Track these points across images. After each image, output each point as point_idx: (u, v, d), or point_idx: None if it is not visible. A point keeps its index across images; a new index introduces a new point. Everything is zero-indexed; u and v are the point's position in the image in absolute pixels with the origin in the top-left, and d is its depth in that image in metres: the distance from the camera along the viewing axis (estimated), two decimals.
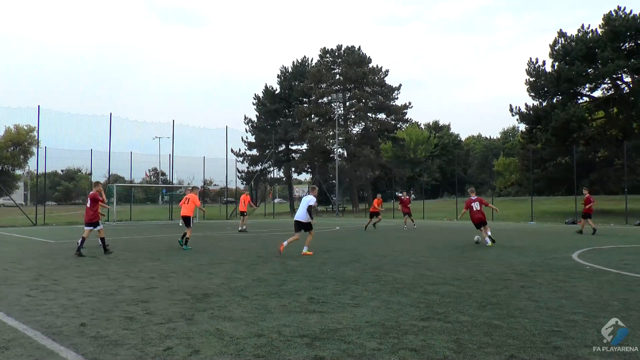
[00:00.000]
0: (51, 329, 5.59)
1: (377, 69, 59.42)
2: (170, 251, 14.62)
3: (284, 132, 58.67)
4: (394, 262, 11.50)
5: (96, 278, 9.40)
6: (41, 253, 14.40)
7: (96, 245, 16.11)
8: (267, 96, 63.46)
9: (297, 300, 7.07)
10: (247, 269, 10.43)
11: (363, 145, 55.50)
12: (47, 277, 9.60)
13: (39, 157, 34.19)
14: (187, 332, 5.38)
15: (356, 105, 57.77)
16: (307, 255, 13.00)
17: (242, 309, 6.49)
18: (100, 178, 44.32)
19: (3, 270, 10.55)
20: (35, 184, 51.43)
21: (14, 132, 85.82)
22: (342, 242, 17.96)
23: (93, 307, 6.75)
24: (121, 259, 12.53)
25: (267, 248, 15.35)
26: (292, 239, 13.52)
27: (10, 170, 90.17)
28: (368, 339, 5.04)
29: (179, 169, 42.54)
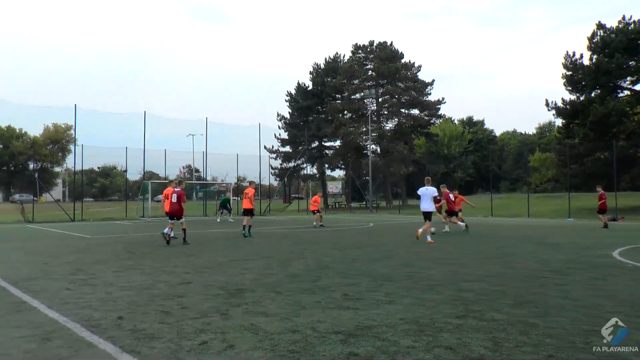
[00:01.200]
0: (90, 322, 5.71)
1: (409, 64, 58.96)
2: (204, 247, 14.78)
3: (317, 129, 58.71)
4: (426, 259, 11.41)
5: (132, 273, 9.58)
6: (79, 248, 14.75)
7: (136, 241, 16.43)
8: (299, 93, 63.57)
9: (330, 296, 7.06)
10: (280, 265, 10.48)
11: (396, 141, 55.18)
12: (84, 271, 9.83)
13: (76, 155, 34.97)
14: (222, 327, 5.42)
15: (389, 101, 57.44)
16: (431, 244, 14.81)
17: (276, 305, 6.51)
18: (135, 175, 45.13)
19: (43, 264, 10.85)
20: (72, 181, 52.53)
21: (53, 130, 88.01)
22: (375, 238, 17.89)
23: (129, 301, 6.87)
24: (156, 255, 12.73)
25: (299, 244, 15.39)
26: (425, 227, 15.72)
27: (49, 167, 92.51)
28: (402, 337, 5.00)
29: (213, 166, 43.05)
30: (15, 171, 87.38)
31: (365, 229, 23.12)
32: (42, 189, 54.69)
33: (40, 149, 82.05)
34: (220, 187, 45.88)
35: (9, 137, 78.74)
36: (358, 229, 23.45)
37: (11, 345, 4.89)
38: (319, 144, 62.62)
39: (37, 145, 76.75)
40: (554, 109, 40.73)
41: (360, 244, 15.31)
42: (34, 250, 14.16)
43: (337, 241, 16.52)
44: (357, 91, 58.91)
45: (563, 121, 41.89)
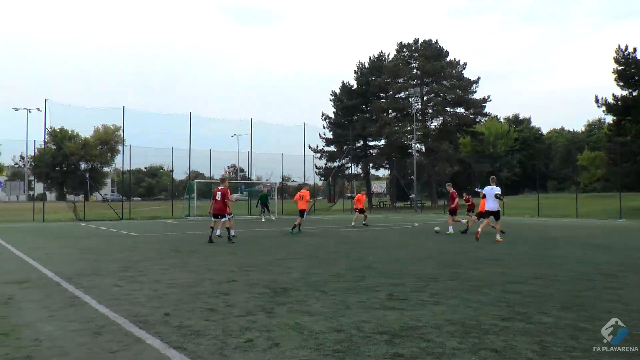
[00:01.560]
0: (138, 318, 5.85)
1: (454, 62, 58.22)
2: (248, 245, 14.93)
3: (362, 128, 58.55)
4: (471, 259, 11.26)
5: (178, 270, 9.76)
6: (127, 246, 15.13)
7: (182, 240, 16.74)
8: (344, 92, 63.52)
9: (375, 296, 7.04)
10: (324, 264, 10.50)
11: (441, 140, 54.56)
12: (132, 268, 10.08)
13: (124, 155, 35.86)
14: (267, 325, 5.47)
15: (434, 100, 56.83)
16: (499, 242, 15.04)
17: (321, 304, 6.53)
18: (181, 174, 45.98)
19: (94, 262, 11.17)
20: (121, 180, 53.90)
21: (102, 131, 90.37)
22: (420, 238, 17.75)
23: (176, 298, 7.01)
24: (201, 253, 12.93)
25: (344, 244, 15.39)
26: (484, 224, 15.94)
27: (99, 167, 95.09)
28: (448, 338, 4.95)
29: (258, 166, 43.38)
30: (68, 171, 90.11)
31: (410, 229, 22.95)
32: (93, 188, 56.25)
33: (91, 149, 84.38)
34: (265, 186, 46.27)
35: (62, 138, 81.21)
36: (402, 228, 23.31)
37: (66, 338, 5.07)
38: (364, 143, 62.44)
39: (88, 146, 78.97)
40: (604, 106, 39.52)
41: (405, 244, 15.22)
42: (85, 247, 14.58)
43: (382, 241, 16.46)
44: (402, 90, 58.49)
45: (614, 118, 40.58)
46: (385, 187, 67.58)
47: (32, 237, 18.52)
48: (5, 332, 5.33)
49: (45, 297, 7.21)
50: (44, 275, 9.19)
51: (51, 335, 5.18)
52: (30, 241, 16.89)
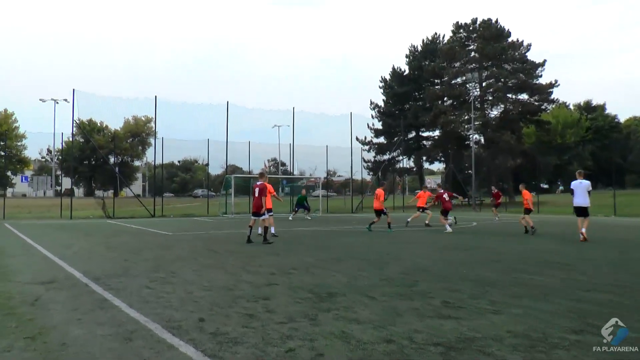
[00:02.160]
0: (170, 323, 5.93)
1: (517, 43, 57.14)
2: (291, 246, 15.01)
3: (414, 117, 58.14)
4: (539, 264, 11.03)
5: (214, 272, 9.88)
6: (159, 245, 15.42)
7: (218, 239, 16.96)
8: (394, 78, 63.20)
9: (429, 303, 6.97)
10: (373, 267, 10.46)
11: (502, 130, 53.67)
12: (164, 269, 10.25)
13: (156, 148, 36.43)
14: (311, 333, 5.47)
15: (494, 85, 55.94)
16: (585, 241, 15.45)
17: (369, 311, 6.50)
18: (217, 169, 46.48)
19: (124, 261, 11.43)
20: (152, 175, 54.86)
21: (132, 123, 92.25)
22: (479, 239, 17.52)
23: (211, 302, 7.08)
24: (239, 253, 13.05)
25: (395, 245, 15.32)
26: (586, 224, 16.05)
27: (129, 161, 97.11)
28: (510, 352, 4.85)
29: (300, 159, 43.58)
30: (97, 165, 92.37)
31: (468, 229, 22.70)
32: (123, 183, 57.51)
33: (121, 142, 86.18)
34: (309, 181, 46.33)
35: (90, 130, 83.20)
36: (460, 228, 23.05)
37: (95, 343, 5.19)
38: (416, 134, 62.02)
39: (118, 138, 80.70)
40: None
41: (463, 246, 15.05)
42: (115, 246, 14.92)
43: (437, 242, 16.31)
44: (459, 75, 57.79)
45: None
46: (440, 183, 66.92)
47: (60, 235, 19.05)
48: (32, 335, 5.48)
49: (73, 298, 7.40)
50: (71, 276, 9.44)
51: (79, 340, 5.30)
52: (58, 239, 17.38)
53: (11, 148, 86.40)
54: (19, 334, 5.50)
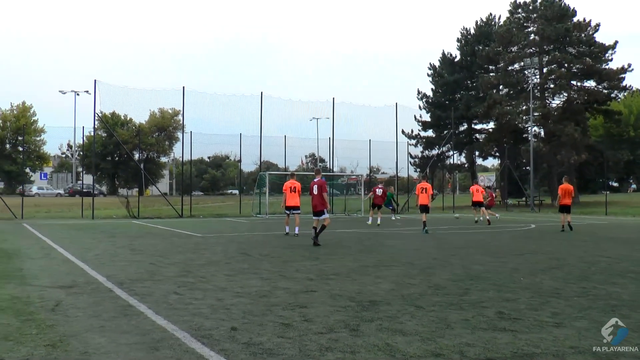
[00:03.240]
0: (200, 331, 6.02)
1: (583, 23, 56.07)
2: (331, 249, 15.05)
3: (466, 108, 57.62)
4: (607, 272, 10.85)
5: (247, 277, 9.96)
6: (188, 247, 15.62)
7: (251, 241, 17.11)
8: (444, 65, 62.71)
9: (482, 314, 6.93)
10: (421, 274, 10.43)
11: (565, 122, 52.76)
12: (194, 273, 10.39)
13: (184, 143, 36.61)
14: (352, 345, 5.49)
15: (556, 72, 55.03)
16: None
17: (416, 322, 6.50)
18: (250, 165, 46.72)
19: (150, 265, 11.61)
20: (180, 172, 55.45)
21: (159, 116, 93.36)
22: (538, 243, 17.33)
23: (244, 310, 7.15)
24: (275, 257, 13.14)
25: (445, 249, 15.24)
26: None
27: (155, 157, 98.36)
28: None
29: (340, 154, 43.29)
30: (120, 162, 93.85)
31: (526, 232, 22.44)
32: (148, 181, 58.33)
33: (146, 137, 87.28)
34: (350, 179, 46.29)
35: (113, 124, 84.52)
36: (516, 231, 22.80)
37: (119, 352, 5.29)
38: (468, 126, 61.45)
39: (143, 133, 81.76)
40: None
41: (520, 250, 14.90)
42: (140, 248, 15.13)
43: (491, 246, 16.20)
44: (516, 61, 57.00)
45: None
46: (495, 180, 66.21)
47: (81, 236, 19.41)
48: (53, 342, 5.62)
49: (96, 304, 7.55)
50: (94, 280, 9.63)
51: (102, 348, 5.42)
52: (79, 240, 17.71)
53: (29, 143, 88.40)
54: (39, 341, 5.64)
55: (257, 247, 15.50)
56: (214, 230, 22.63)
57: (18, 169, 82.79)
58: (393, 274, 10.41)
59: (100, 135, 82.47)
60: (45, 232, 20.63)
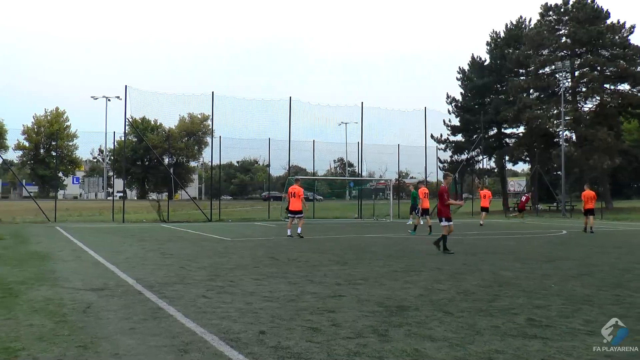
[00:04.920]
0: (229, 335, 6.08)
1: (617, 25, 55.34)
2: (359, 254, 15.05)
3: (495, 112, 57.19)
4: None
5: (275, 281, 10.02)
6: (216, 251, 15.75)
7: (280, 245, 17.18)
8: (473, 69, 62.33)
9: (512, 320, 6.89)
10: (450, 279, 10.40)
11: (597, 126, 52.10)
12: (222, 277, 10.48)
13: (213, 148, 36.91)
14: (380, 350, 5.49)
15: (588, 75, 54.39)
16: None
17: (445, 327, 6.49)
18: (279, 170, 46.90)
19: (179, 269, 11.72)
20: (209, 177, 55.86)
21: (188, 121, 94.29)
22: (570, 249, 17.14)
23: (272, 314, 7.20)
24: (303, 261, 13.19)
25: (474, 254, 15.14)
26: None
27: (185, 162, 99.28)
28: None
29: (369, 159, 43.29)
30: (150, 166, 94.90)
31: (557, 238, 22.19)
32: (178, 185, 58.86)
33: (176, 141, 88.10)
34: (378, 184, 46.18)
35: (143, 129, 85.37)
36: (547, 237, 22.58)
37: (149, 355, 5.38)
38: (498, 131, 60.98)
39: (172, 137, 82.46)
40: None
41: (551, 256, 14.75)
42: (170, 252, 15.27)
43: (521, 252, 16.07)
44: (547, 64, 56.45)
45: None
46: (525, 186, 65.58)
47: (112, 239, 19.66)
48: (84, 344, 5.71)
49: (126, 307, 7.65)
50: (124, 282, 9.76)
51: (132, 350, 5.50)
52: (110, 244, 17.94)
53: (62, 148, 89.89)
54: (71, 342, 5.75)
55: (285, 251, 15.56)
56: (242, 235, 22.76)
57: (51, 173, 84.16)
58: (422, 279, 10.39)
59: (131, 140, 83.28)
60: (77, 235, 20.92)
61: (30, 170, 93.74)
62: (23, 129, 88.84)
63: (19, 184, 72.95)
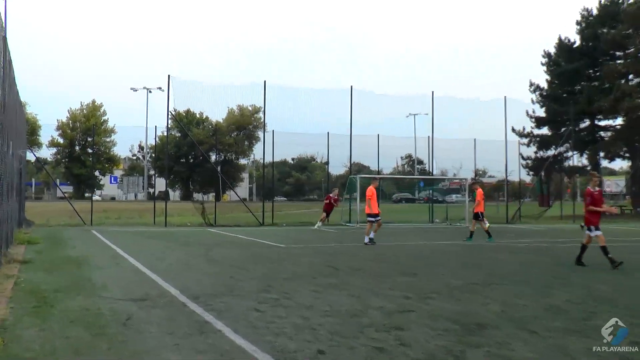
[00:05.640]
0: (283, 354, 6.11)
1: None
2: (430, 264, 14.97)
3: (587, 102, 56.04)
4: None
5: (335, 294, 10.01)
6: (270, 259, 15.87)
7: (340, 253, 17.20)
8: (561, 52, 61.22)
9: (611, 342, 6.71)
10: (535, 293, 10.24)
11: None
12: (276, 288, 10.51)
13: (265, 143, 37.03)
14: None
15: None
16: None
17: (529, 349, 6.40)
18: (339, 168, 46.85)
19: (228, 278, 11.83)
20: (261, 176, 56.24)
21: (237, 114, 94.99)
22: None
23: (332, 330, 7.19)
24: (366, 272, 13.17)
25: (564, 265, 14.87)
26: None
27: (234, 159, 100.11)
28: None
29: (441, 155, 42.83)
30: (195, 164, 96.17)
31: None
32: (226, 185, 59.46)
33: (224, 136, 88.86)
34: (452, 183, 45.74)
35: (187, 123, 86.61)
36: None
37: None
38: (591, 123, 59.75)
39: (220, 132, 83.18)
40: None
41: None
42: (217, 259, 15.46)
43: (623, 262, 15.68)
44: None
45: None
46: (624, 186, 64.12)
47: (153, 245, 20.00)
48: (124, 359, 5.78)
49: (169, 319, 7.74)
50: (166, 292, 9.89)
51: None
52: (151, 249, 18.24)
53: (99, 145, 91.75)
54: (111, 357, 5.86)
55: (346, 260, 15.55)
56: (298, 240, 22.83)
57: (87, 172, 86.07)
58: (502, 293, 10.26)
59: (174, 135, 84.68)
60: (115, 240, 21.31)
61: (64, 169, 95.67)
62: (57, 125, 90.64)
63: (53, 183, 74.60)
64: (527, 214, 44.30)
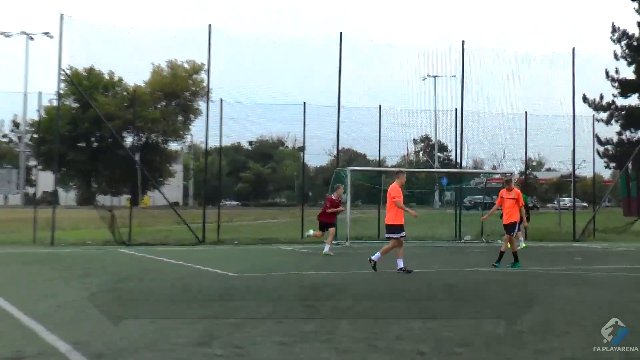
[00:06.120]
0: None
1: None
2: (455, 300, 15.15)
3: None
4: None
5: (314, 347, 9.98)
6: (213, 294, 15.97)
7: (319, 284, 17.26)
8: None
9: None
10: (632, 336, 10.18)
11: None
12: (223, 339, 10.47)
13: (209, 119, 36.29)
14: None
15: None
16: None
17: None
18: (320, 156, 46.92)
19: (149, 324, 11.74)
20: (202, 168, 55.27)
21: (167, 73, 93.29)
22: None
23: None
24: (360, 313, 13.26)
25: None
26: None
27: (161, 142, 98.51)
28: None
29: (471, 138, 41.98)
30: (100, 149, 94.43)
31: None
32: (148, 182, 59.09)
33: (145, 109, 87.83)
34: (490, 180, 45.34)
35: (90, 87, 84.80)
36: None
37: None
38: None
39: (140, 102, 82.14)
40: None
41: None
42: (133, 296, 15.49)
43: None
44: None
45: None
46: None
47: (34, 275, 19.80)
48: None
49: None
50: (51, 350, 9.71)
51: None
52: (30, 283, 18.08)
53: None
54: None
55: (330, 296, 15.55)
56: (258, 267, 22.82)
57: None
58: (567, 344, 10.18)
59: (68, 105, 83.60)
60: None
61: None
62: None
63: None
64: (605, 226, 43.76)
